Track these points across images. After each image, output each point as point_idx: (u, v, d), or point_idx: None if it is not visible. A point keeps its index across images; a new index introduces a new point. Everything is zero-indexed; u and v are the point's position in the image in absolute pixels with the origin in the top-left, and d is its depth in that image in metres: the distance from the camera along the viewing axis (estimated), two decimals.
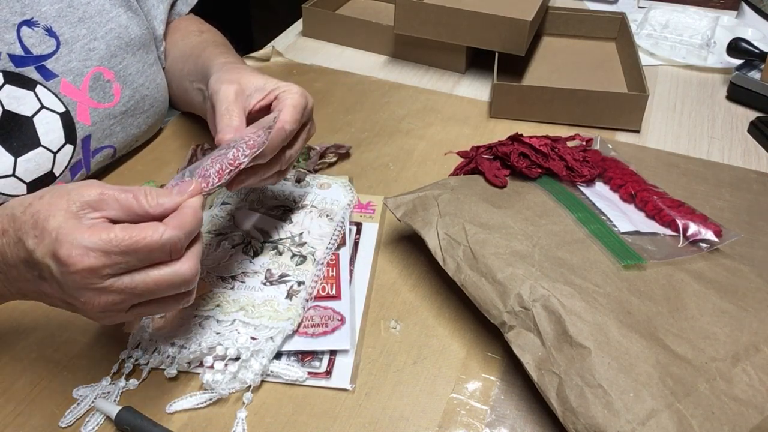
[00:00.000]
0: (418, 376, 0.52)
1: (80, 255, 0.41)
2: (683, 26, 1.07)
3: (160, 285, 0.43)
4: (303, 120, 0.58)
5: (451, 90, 0.94)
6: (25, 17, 0.62)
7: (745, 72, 0.92)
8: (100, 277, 0.42)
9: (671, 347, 0.48)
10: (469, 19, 0.90)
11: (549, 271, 0.52)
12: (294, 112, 0.57)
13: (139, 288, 0.43)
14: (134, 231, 0.42)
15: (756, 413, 0.44)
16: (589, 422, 0.43)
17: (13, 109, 0.61)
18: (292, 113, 0.56)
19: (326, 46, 1.06)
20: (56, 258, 0.41)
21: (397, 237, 0.66)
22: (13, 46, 0.61)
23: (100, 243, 0.41)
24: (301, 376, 0.51)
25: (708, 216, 0.60)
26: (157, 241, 0.42)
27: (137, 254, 0.42)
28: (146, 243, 0.42)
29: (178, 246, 0.43)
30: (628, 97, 0.83)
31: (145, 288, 0.43)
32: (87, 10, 0.67)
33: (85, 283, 0.42)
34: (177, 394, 0.50)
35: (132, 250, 0.42)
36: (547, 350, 0.48)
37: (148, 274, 0.43)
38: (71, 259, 0.41)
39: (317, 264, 0.60)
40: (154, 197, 0.45)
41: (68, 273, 0.41)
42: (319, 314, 0.56)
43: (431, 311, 0.58)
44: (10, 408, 0.49)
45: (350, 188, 0.71)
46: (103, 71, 0.68)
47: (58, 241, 0.41)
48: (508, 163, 0.66)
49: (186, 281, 0.44)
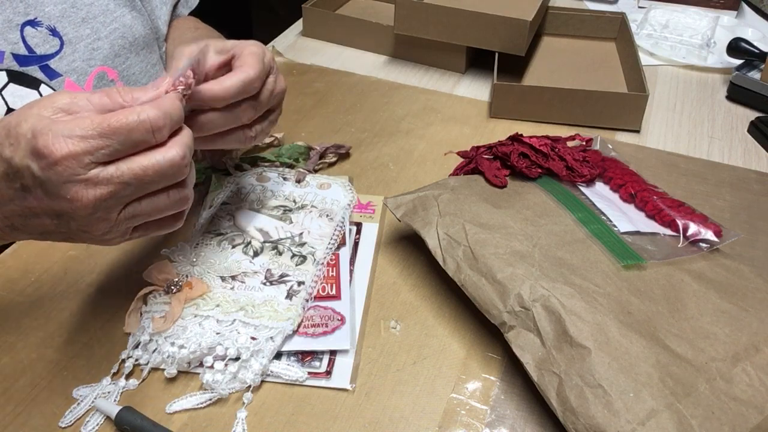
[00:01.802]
0: (418, 376, 0.52)
1: (58, 143, 0.39)
2: (683, 26, 1.07)
3: (148, 171, 0.41)
4: (264, 70, 0.55)
5: (451, 90, 0.94)
6: (28, 17, 0.63)
7: (745, 72, 0.92)
8: (83, 165, 0.40)
9: (671, 347, 0.48)
10: (469, 19, 0.90)
11: (549, 271, 0.52)
12: (252, 58, 0.53)
13: (126, 175, 0.41)
14: (111, 114, 0.40)
15: (756, 413, 0.44)
16: (589, 422, 0.43)
17: (17, 107, 0.61)
18: (251, 59, 0.53)
19: (326, 46, 1.06)
20: (35, 153, 0.40)
21: (397, 237, 0.66)
22: (16, 46, 0.62)
23: (77, 129, 0.40)
24: (301, 376, 0.51)
25: (708, 216, 0.60)
26: (135, 120, 0.40)
27: (117, 136, 0.40)
28: (124, 122, 0.40)
29: (159, 125, 0.41)
30: (628, 97, 0.83)
31: (133, 175, 0.41)
32: (91, 10, 0.68)
33: (68, 174, 0.40)
34: (177, 394, 0.50)
35: (111, 131, 0.40)
36: (547, 350, 0.48)
37: (134, 160, 0.41)
38: (49, 149, 0.39)
39: (317, 264, 0.60)
40: (128, 92, 0.43)
41: (49, 166, 0.39)
42: (319, 314, 0.56)
43: (431, 311, 0.58)
44: (10, 408, 0.49)
45: (350, 188, 0.71)
46: (107, 71, 0.68)
47: (35, 137, 0.39)
48: (508, 163, 0.66)
49: (174, 166, 0.42)
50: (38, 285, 0.59)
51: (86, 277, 0.60)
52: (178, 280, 0.57)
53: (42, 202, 0.42)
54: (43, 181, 0.40)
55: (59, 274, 0.60)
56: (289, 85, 0.92)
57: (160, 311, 0.54)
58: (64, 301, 0.58)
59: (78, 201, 0.41)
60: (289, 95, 0.89)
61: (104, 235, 0.44)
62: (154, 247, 0.61)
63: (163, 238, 0.63)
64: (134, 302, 0.56)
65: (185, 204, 0.46)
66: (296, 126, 0.83)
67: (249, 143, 0.58)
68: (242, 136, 0.56)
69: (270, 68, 0.56)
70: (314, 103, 0.89)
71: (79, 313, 0.56)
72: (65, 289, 0.59)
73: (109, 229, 0.43)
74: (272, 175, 0.72)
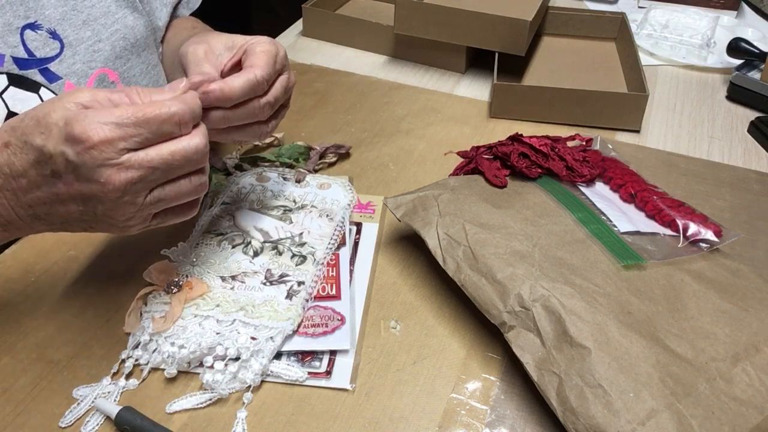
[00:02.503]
0: (418, 376, 0.52)
1: (95, 128, 0.42)
2: (683, 26, 1.07)
3: (176, 156, 0.44)
4: (277, 67, 0.56)
5: (451, 90, 0.94)
6: (28, 20, 0.62)
7: (745, 72, 0.92)
8: (117, 150, 0.42)
9: (671, 347, 0.48)
10: (469, 19, 0.90)
11: (549, 271, 0.52)
12: (263, 57, 0.54)
13: (155, 160, 0.44)
14: (145, 105, 0.44)
15: (756, 413, 0.44)
16: (589, 422, 0.43)
17: (17, 110, 0.61)
18: (262, 58, 0.54)
19: (326, 46, 1.06)
20: (71, 138, 0.42)
21: (397, 237, 0.66)
22: (16, 49, 0.62)
23: (112, 117, 0.42)
24: (301, 376, 0.51)
25: (708, 216, 0.60)
26: (166, 112, 0.44)
27: (149, 125, 0.43)
28: (156, 114, 0.43)
29: (186, 119, 0.45)
30: (628, 97, 0.83)
31: (162, 160, 0.44)
32: (92, 12, 0.67)
33: (103, 158, 0.42)
34: (177, 394, 0.50)
35: (143, 121, 0.43)
36: (547, 350, 0.48)
37: (162, 147, 0.44)
38: (87, 134, 0.41)
39: (317, 264, 0.60)
40: (147, 94, 0.46)
41: (85, 150, 0.42)
42: (319, 314, 0.56)
43: (431, 311, 0.58)
44: (10, 408, 0.49)
45: (350, 188, 0.71)
46: (107, 72, 0.68)
47: (68, 125, 0.42)
48: (508, 163, 0.66)
49: (199, 152, 0.46)
50: (38, 285, 0.59)
51: (86, 277, 0.60)
52: (178, 280, 0.57)
53: (71, 187, 0.44)
54: (78, 166, 0.43)
55: (59, 274, 0.60)
56: None
57: (160, 311, 0.54)
58: (64, 301, 0.58)
59: (110, 184, 0.43)
60: None
61: (127, 221, 0.46)
62: (154, 247, 0.61)
63: (163, 238, 0.63)
64: (134, 302, 0.56)
65: (203, 190, 0.48)
66: (296, 126, 0.83)
67: (264, 138, 0.60)
68: (258, 131, 0.58)
69: (283, 66, 0.57)
70: (314, 103, 0.89)
71: (79, 313, 0.56)
72: (65, 289, 0.59)
73: (133, 214, 0.46)
74: (272, 175, 0.72)
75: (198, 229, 0.64)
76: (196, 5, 0.86)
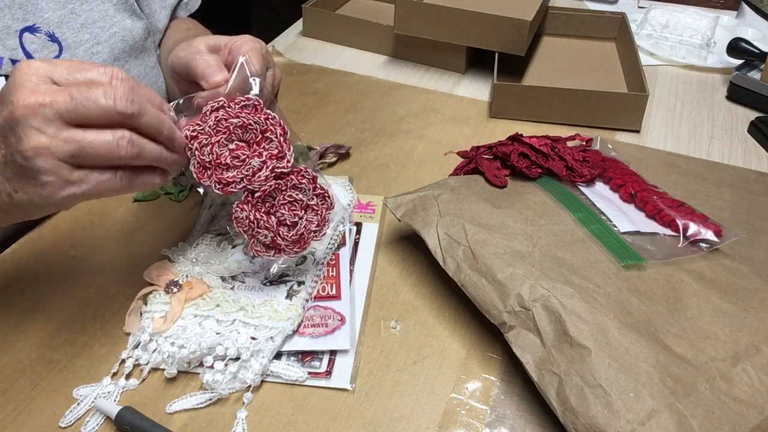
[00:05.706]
0: (418, 376, 0.52)
1: (25, 63, 0.43)
2: (683, 26, 1.07)
3: (88, 96, 0.42)
4: (264, 65, 0.55)
5: (451, 90, 0.94)
6: (27, 23, 0.63)
7: (745, 72, 0.92)
8: (39, 78, 0.43)
9: (671, 347, 0.48)
10: (469, 19, 0.90)
11: (549, 271, 0.52)
12: (253, 55, 0.53)
13: (67, 92, 0.42)
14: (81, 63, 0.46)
15: (756, 413, 0.44)
16: (589, 422, 0.43)
17: None
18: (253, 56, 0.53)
19: (326, 46, 1.06)
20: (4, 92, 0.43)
21: (397, 237, 0.66)
22: (15, 52, 0.62)
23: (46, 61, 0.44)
24: (301, 376, 0.51)
25: (708, 216, 0.60)
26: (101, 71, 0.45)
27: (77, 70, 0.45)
28: (88, 68, 0.45)
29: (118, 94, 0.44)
30: (628, 97, 0.83)
31: (74, 95, 0.42)
32: (90, 15, 0.68)
33: (22, 80, 0.43)
34: (177, 394, 0.50)
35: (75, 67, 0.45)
36: (547, 350, 0.48)
37: (80, 86, 0.44)
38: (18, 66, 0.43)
39: (317, 264, 0.60)
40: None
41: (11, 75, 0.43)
42: (319, 314, 0.56)
43: (431, 311, 0.58)
44: (10, 408, 0.49)
45: (350, 188, 0.71)
46: None
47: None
48: (508, 163, 0.66)
49: (111, 107, 0.43)
50: (38, 285, 0.59)
51: (86, 277, 0.60)
52: (178, 280, 0.57)
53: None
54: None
55: (59, 274, 0.60)
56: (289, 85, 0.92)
57: (160, 311, 0.54)
58: (64, 301, 0.58)
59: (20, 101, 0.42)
60: (289, 95, 0.90)
61: (44, 170, 0.43)
62: (154, 247, 0.61)
63: (164, 238, 0.63)
64: (134, 302, 0.56)
65: (129, 153, 0.44)
66: (296, 126, 0.83)
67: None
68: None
69: (268, 62, 0.57)
70: (314, 103, 0.89)
71: (79, 313, 0.56)
72: (65, 289, 0.59)
73: (45, 151, 0.42)
74: None
75: (198, 228, 0.64)
76: (195, 7, 0.86)
